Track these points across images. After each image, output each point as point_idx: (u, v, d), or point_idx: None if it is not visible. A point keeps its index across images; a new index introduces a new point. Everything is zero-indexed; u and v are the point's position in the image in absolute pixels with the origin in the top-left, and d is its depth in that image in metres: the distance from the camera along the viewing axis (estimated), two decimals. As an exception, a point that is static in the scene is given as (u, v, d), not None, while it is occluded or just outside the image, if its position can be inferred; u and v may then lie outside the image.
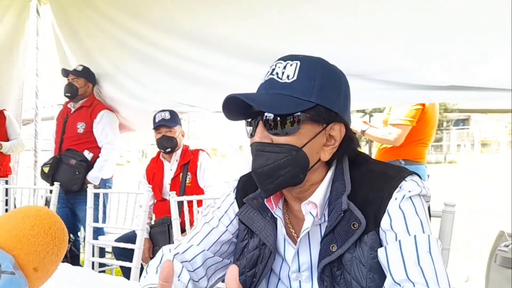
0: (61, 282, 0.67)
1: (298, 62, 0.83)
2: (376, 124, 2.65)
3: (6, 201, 2.91)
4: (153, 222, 2.68)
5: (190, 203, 2.00)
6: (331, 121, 0.84)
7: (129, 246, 2.07)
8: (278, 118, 0.82)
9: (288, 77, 0.82)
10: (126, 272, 2.48)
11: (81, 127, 3.06)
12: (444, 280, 0.73)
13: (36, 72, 3.66)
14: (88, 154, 3.01)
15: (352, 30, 1.86)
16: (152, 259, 0.95)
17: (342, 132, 0.86)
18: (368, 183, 0.83)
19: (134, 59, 2.89)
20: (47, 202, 2.64)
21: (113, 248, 2.65)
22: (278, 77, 0.83)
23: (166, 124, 2.63)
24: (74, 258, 3.04)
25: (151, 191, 2.26)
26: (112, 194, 2.85)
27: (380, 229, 0.80)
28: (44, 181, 3.10)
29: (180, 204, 2.03)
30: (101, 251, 2.99)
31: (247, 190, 0.96)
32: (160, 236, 2.51)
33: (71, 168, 2.96)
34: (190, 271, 0.93)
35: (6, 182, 3.23)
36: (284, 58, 0.85)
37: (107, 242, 2.65)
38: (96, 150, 3.06)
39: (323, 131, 0.84)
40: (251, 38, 2.21)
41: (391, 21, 1.74)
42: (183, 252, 0.95)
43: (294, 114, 0.81)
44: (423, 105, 2.38)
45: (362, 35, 1.84)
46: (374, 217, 0.80)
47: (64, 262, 0.66)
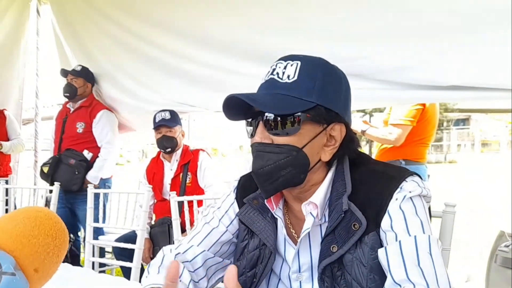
0: (61, 282, 0.67)
1: (299, 62, 0.83)
2: (376, 124, 2.65)
3: (6, 201, 2.91)
4: (153, 222, 2.68)
5: (190, 203, 2.01)
6: (332, 121, 0.84)
7: (129, 246, 2.07)
8: (279, 118, 0.81)
9: (288, 77, 0.82)
10: (126, 272, 2.48)
11: (80, 127, 3.06)
12: (444, 281, 0.73)
13: (36, 72, 3.65)
14: (87, 154, 3.01)
15: (352, 30, 1.85)
16: (153, 259, 0.95)
17: (342, 132, 0.86)
18: (368, 184, 0.83)
19: (134, 59, 2.89)
20: (47, 202, 2.64)
21: (113, 248, 2.65)
22: (278, 77, 0.83)
23: (166, 124, 2.63)
24: (74, 258, 3.03)
25: (151, 191, 2.25)
26: (112, 194, 2.85)
27: (380, 229, 0.80)
28: (43, 181, 3.10)
29: (180, 204, 2.04)
30: (101, 251, 2.99)
31: (247, 190, 0.96)
32: (160, 236, 2.51)
33: (71, 168, 2.96)
34: (191, 272, 0.93)
35: (6, 182, 3.23)
36: (284, 58, 0.85)
37: (107, 242, 2.65)
38: (95, 150, 3.06)
39: (324, 131, 0.84)
40: (252, 38, 2.21)
41: (391, 21, 1.74)
42: (184, 252, 0.94)
43: (295, 114, 0.81)
44: (424, 105, 2.38)
45: (362, 35, 1.84)
46: (374, 217, 0.80)
47: (64, 262, 0.66)
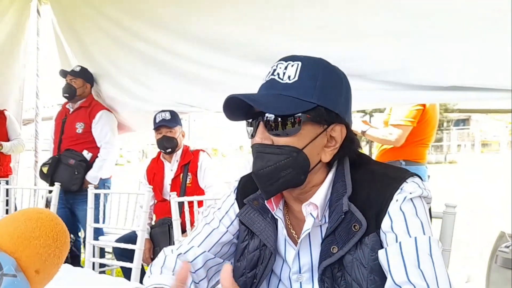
0: (62, 283, 0.67)
1: (300, 63, 0.83)
2: (376, 124, 2.65)
3: (7, 201, 2.91)
4: (153, 223, 2.68)
5: (190, 204, 2.01)
6: (332, 122, 0.84)
7: (129, 246, 2.07)
8: (279, 118, 0.81)
9: (289, 77, 0.82)
10: (127, 272, 2.48)
11: (80, 127, 3.06)
12: (445, 282, 0.73)
13: (36, 72, 3.66)
14: (87, 154, 3.01)
15: (352, 30, 1.85)
16: (154, 260, 0.95)
17: (343, 133, 0.86)
18: (369, 185, 0.83)
19: (134, 59, 2.89)
20: (48, 203, 2.64)
21: (113, 248, 2.65)
22: (279, 77, 0.83)
23: (167, 124, 2.63)
24: (74, 259, 3.03)
25: (152, 192, 2.26)
26: (112, 195, 2.85)
27: (380, 230, 0.80)
28: (43, 181, 3.10)
29: (180, 204, 2.04)
30: (101, 251, 2.98)
31: (248, 190, 0.96)
32: (160, 236, 2.51)
33: (70, 168, 2.96)
34: (192, 272, 0.93)
35: (7, 183, 3.23)
36: (285, 59, 0.85)
37: (108, 242, 2.65)
38: (95, 150, 3.06)
39: (324, 132, 0.84)
40: (252, 38, 2.21)
41: (392, 21, 1.74)
42: (185, 253, 0.94)
43: (295, 115, 0.81)
44: (424, 105, 2.38)
45: (362, 35, 1.84)
46: (375, 218, 0.80)
47: (64, 262, 0.65)
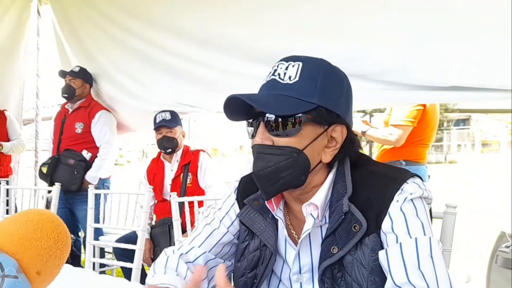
0: (62, 284, 0.67)
1: (300, 63, 0.83)
2: (376, 124, 2.65)
3: (7, 201, 2.91)
4: (153, 223, 2.68)
5: (191, 204, 2.01)
6: (333, 122, 0.84)
7: (130, 246, 2.07)
8: (280, 119, 0.81)
9: (290, 78, 0.82)
10: (127, 272, 2.48)
11: (79, 127, 3.06)
12: (445, 283, 0.73)
13: (36, 72, 3.66)
14: (86, 154, 3.02)
15: (352, 30, 1.85)
16: (156, 260, 0.95)
17: (343, 133, 0.86)
18: (369, 185, 0.83)
19: (134, 59, 2.89)
20: (48, 203, 2.64)
21: (114, 248, 2.65)
22: (280, 78, 0.83)
23: (167, 124, 2.63)
24: (74, 259, 3.03)
25: (152, 192, 2.26)
26: (112, 195, 2.85)
27: (381, 231, 0.80)
28: (42, 181, 3.10)
29: (181, 204, 2.04)
30: (100, 251, 2.98)
31: (248, 191, 0.96)
32: (161, 236, 2.51)
33: (70, 168, 2.96)
34: (193, 273, 0.93)
35: (7, 183, 3.23)
36: (286, 59, 0.85)
37: (108, 242, 2.65)
38: (94, 150, 3.06)
39: (325, 133, 0.84)
40: (252, 38, 2.21)
41: (391, 21, 1.74)
42: (186, 253, 0.95)
43: (296, 115, 0.81)
44: (424, 105, 2.38)
45: (362, 35, 1.83)
46: (375, 219, 0.80)
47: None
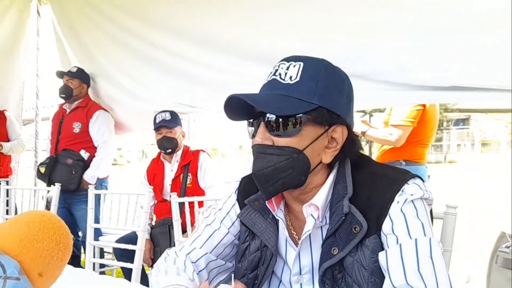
0: (63, 284, 0.67)
1: (301, 63, 0.82)
2: (376, 124, 2.65)
3: (7, 202, 2.91)
4: (153, 223, 2.68)
5: (191, 204, 2.01)
6: (333, 123, 0.84)
7: (130, 247, 2.07)
8: (280, 119, 0.81)
9: (291, 78, 0.82)
10: (127, 272, 2.48)
11: (77, 127, 3.06)
12: (444, 285, 0.72)
13: (36, 72, 3.66)
14: (84, 154, 3.02)
15: (352, 30, 1.85)
16: (160, 260, 0.94)
17: (344, 134, 0.85)
18: (370, 186, 0.83)
19: (134, 59, 2.89)
20: (48, 203, 2.63)
21: (114, 249, 2.64)
22: (281, 78, 0.83)
23: (167, 125, 2.63)
24: (74, 259, 3.03)
25: (152, 192, 2.26)
26: (112, 195, 2.85)
27: (381, 232, 0.80)
28: (41, 180, 3.10)
29: (181, 205, 2.03)
30: (100, 251, 2.98)
31: (249, 191, 0.96)
32: (161, 237, 2.51)
33: (68, 167, 2.96)
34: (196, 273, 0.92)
35: (7, 183, 3.23)
36: (287, 59, 0.85)
37: (108, 243, 2.65)
38: (92, 150, 3.06)
39: (325, 133, 0.83)
40: (251, 38, 2.21)
41: (391, 21, 1.74)
42: (188, 254, 0.94)
43: (296, 116, 0.80)
44: (424, 105, 2.38)
45: (362, 35, 1.83)
46: (376, 220, 0.80)
47: (65, 263, 0.66)
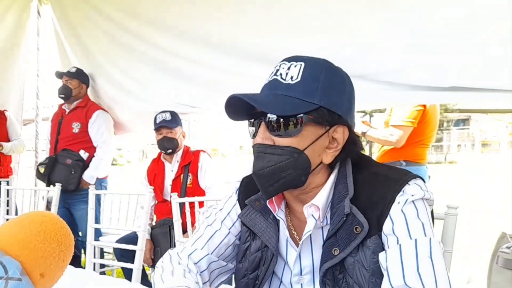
0: (64, 285, 0.67)
1: (303, 64, 0.82)
2: (376, 124, 2.65)
3: (8, 202, 2.91)
4: (154, 223, 2.68)
5: (191, 204, 2.01)
6: (334, 123, 0.84)
7: (130, 247, 2.07)
8: (281, 119, 0.81)
9: (292, 78, 0.82)
10: (127, 273, 2.48)
11: (76, 127, 3.06)
12: (444, 285, 0.72)
13: (36, 72, 3.66)
14: (83, 154, 3.02)
15: (352, 30, 1.85)
16: (165, 262, 0.93)
17: (345, 135, 0.85)
18: (371, 187, 0.82)
19: (134, 59, 2.89)
20: (48, 203, 2.63)
21: (114, 249, 2.65)
22: (282, 78, 0.83)
23: (167, 125, 2.63)
24: (75, 259, 3.03)
25: (153, 192, 2.25)
26: (113, 195, 2.85)
27: (382, 233, 0.80)
28: (40, 181, 3.10)
29: (181, 205, 2.03)
30: (100, 252, 2.98)
31: (249, 191, 0.96)
32: (161, 237, 2.50)
33: (67, 167, 2.96)
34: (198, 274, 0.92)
35: (7, 183, 3.23)
36: (288, 59, 0.85)
37: (109, 243, 2.65)
38: (91, 150, 3.06)
39: (326, 134, 0.83)
40: (252, 38, 2.21)
41: (392, 21, 1.74)
42: (189, 255, 0.94)
43: (297, 116, 0.80)
44: (424, 106, 2.38)
45: (362, 35, 1.84)
46: (377, 221, 0.80)
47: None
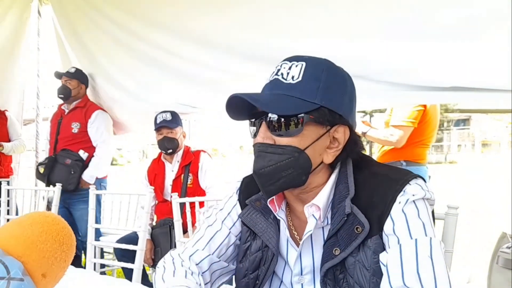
0: (65, 285, 0.67)
1: (304, 63, 0.82)
2: (377, 125, 2.65)
3: (8, 202, 2.91)
4: (154, 223, 2.68)
5: (192, 204, 2.01)
6: (335, 123, 0.84)
7: (131, 247, 2.07)
8: (282, 119, 0.81)
9: (293, 78, 0.82)
10: (128, 273, 2.48)
11: (75, 127, 3.06)
12: (444, 285, 0.72)
13: (37, 72, 3.66)
14: (83, 154, 3.02)
15: (352, 30, 1.85)
16: (167, 262, 0.93)
17: (346, 135, 0.85)
18: (372, 187, 0.82)
19: (135, 60, 2.88)
20: (49, 203, 2.63)
21: (114, 249, 2.65)
22: (283, 77, 0.82)
23: (168, 125, 2.63)
24: (75, 259, 3.03)
25: (153, 192, 2.26)
26: (113, 195, 2.85)
27: (383, 233, 0.80)
28: (39, 180, 3.10)
29: (181, 205, 2.03)
30: (100, 252, 2.98)
31: (250, 191, 0.96)
32: (161, 237, 2.51)
33: (67, 167, 2.96)
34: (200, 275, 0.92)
35: (8, 183, 3.23)
36: (289, 59, 0.85)
37: (109, 243, 2.65)
38: (90, 150, 3.07)
39: (327, 133, 0.83)
40: (252, 38, 2.21)
41: (392, 21, 1.74)
42: (191, 255, 0.94)
43: (298, 115, 0.80)
44: (425, 106, 2.38)
45: (362, 35, 1.83)
46: (377, 221, 0.80)
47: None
